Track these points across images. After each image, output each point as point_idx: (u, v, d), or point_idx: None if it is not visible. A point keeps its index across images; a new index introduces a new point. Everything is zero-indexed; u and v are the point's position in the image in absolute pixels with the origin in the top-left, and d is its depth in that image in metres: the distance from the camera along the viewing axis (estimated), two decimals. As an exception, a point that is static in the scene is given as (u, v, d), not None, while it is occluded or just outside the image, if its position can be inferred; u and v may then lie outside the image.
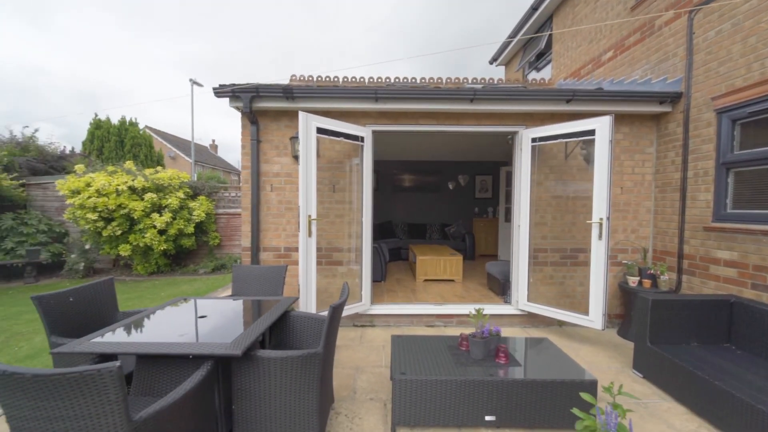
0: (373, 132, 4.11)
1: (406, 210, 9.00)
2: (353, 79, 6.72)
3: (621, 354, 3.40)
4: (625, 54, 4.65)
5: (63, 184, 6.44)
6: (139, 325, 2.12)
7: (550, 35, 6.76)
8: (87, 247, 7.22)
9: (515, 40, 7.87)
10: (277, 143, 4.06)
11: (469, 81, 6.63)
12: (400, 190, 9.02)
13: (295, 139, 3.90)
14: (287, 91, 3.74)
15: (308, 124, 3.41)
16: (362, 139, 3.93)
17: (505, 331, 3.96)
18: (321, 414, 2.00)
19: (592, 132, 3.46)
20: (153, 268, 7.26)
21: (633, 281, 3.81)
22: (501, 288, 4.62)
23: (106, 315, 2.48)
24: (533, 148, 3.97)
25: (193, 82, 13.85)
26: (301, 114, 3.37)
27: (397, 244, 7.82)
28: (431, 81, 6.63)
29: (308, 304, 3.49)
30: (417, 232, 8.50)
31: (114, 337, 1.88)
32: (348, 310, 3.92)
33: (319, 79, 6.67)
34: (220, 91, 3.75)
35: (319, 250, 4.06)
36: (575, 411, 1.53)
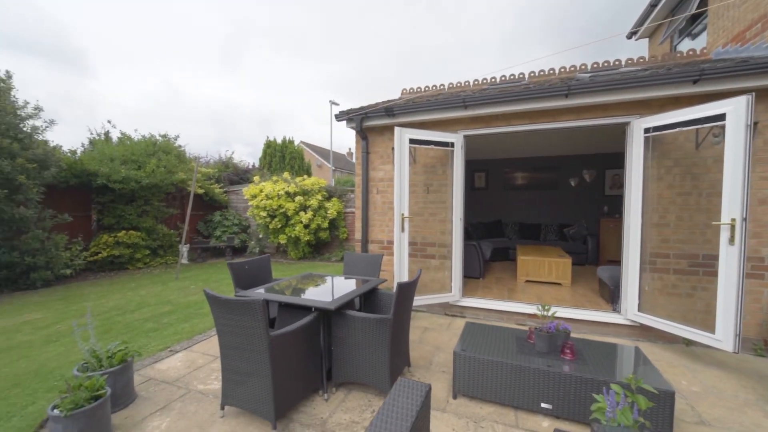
0: (465, 137, 4.43)
1: (518, 209, 8.66)
2: (466, 83, 6.94)
3: (763, 386, 2.77)
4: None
5: (246, 191, 9.00)
6: (281, 286, 3.16)
7: (707, -7, 5.47)
8: (260, 236, 9.82)
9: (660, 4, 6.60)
10: (382, 153, 4.84)
11: (588, 68, 6.01)
12: (511, 189, 8.74)
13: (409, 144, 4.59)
14: (388, 110, 4.47)
15: (402, 137, 4.03)
16: (452, 144, 4.31)
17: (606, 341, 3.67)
18: (392, 368, 2.58)
19: (721, 117, 2.92)
20: (301, 254, 9.29)
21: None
22: (611, 295, 4.21)
23: (265, 279, 3.69)
24: (647, 139, 3.54)
25: (332, 103, 16.60)
26: (396, 129, 4.03)
27: (504, 243, 7.69)
28: (542, 74, 6.31)
29: (401, 288, 4.12)
30: (529, 233, 8.10)
31: (266, 291, 2.93)
32: (436, 299, 4.38)
33: (427, 88, 7.24)
34: (339, 117, 4.78)
35: (414, 244, 4.67)
36: (596, 396, 1.65)
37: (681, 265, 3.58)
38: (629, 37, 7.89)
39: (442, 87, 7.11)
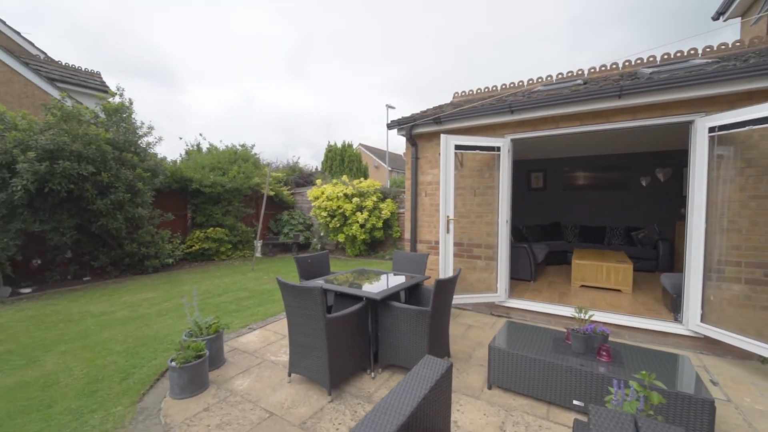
0: (513, 140, 4.51)
1: (580, 211, 8.21)
2: (520, 83, 6.85)
3: None
4: None
5: (310, 193, 9.90)
6: (338, 279, 3.65)
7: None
8: (321, 234, 10.69)
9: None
10: (430, 158, 5.12)
11: (657, 59, 5.56)
12: (572, 189, 8.32)
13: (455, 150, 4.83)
14: (436, 118, 4.73)
15: (447, 144, 4.28)
16: (498, 149, 4.42)
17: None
18: (431, 355, 2.88)
19: (798, 114, 2.67)
20: (357, 252, 9.93)
21: None
22: (672, 304, 3.96)
23: (324, 272, 4.23)
24: (712, 139, 3.31)
25: (388, 107, 17.18)
26: (442, 136, 4.28)
27: (562, 247, 7.39)
28: (603, 69, 5.99)
29: (446, 286, 4.37)
30: (592, 236, 7.66)
31: (324, 282, 3.43)
32: (482, 298, 4.53)
33: (479, 90, 7.29)
34: (391, 126, 5.17)
35: (460, 245, 4.87)
36: (611, 389, 1.77)
37: (755, 275, 3.28)
38: (716, 18, 7.01)
39: (494, 88, 7.12)
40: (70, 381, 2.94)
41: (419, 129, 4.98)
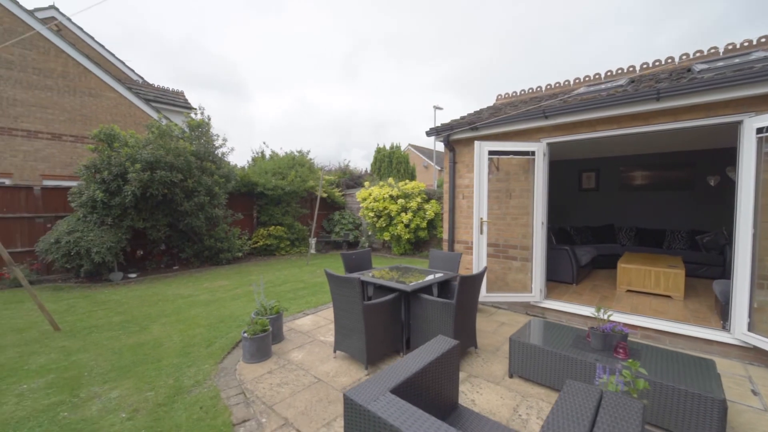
0: (549, 144, 4.61)
1: (636, 212, 7.73)
2: (566, 83, 6.75)
3: None
4: None
5: (359, 194, 10.58)
6: (380, 273, 4.14)
7: None
8: (369, 233, 11.33)
9: None
10: (467, 163, 5.37)
11: (720, 52, 5.17)
12: (628, 189, 7.86)
13: (489, 155, 5.07)
14: (471, 125, 4.99)
15: (481, 150, 4.53)
16: (532, 153, 4.55)
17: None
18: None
19: None
20: (402, 250, 10.38)
21: None
22: (722, 312, 3.79)
23: (366, 267, 4.74)
24: (760, 140, 3.17)
25: (435, 108, 17.36)
26: (476, 143, 4.55)
27: (614, 250, 7.08)
28: (657, 64, 5.69)
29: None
30: (649, 239, 7.21)
31: (364, 275, 3.93)
32: (516, 297, 4.69)
33: (522, 92, 7.30)
34: (429, 133, 5.53)
35: (496, 245, 5.07)
36: (604, 378, 1.99)
37: (814, 284, 3.08)
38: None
39: (538, 89, 7.09)
40: (170, 344, 3.81)
41: (456, 135, 5.27)
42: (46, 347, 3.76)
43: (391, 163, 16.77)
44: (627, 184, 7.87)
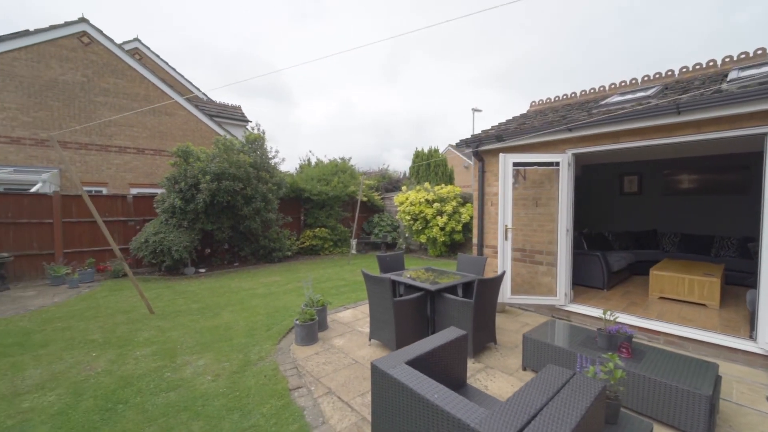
0: (574, 155, 4.82)
1: (681, 217, 7.42)
2: (601, 88, 6.72)
3: None
4: None
5: (396, 198, 11.15)
6: (415, 273, 4.67)
7: None
8: (406, 235, 11.86)
9: None
10: (496, 171, 5.69)
11: (769, 51, 4.97)
12: (673, 193, 7.57)
13: (513, 167, 5.39)
14: (498, 137, 5.32)
15: (506, 162, 4.86)
16: (557, 164, 4.79)
17: (730, 369, 3.50)
18: (475, 338, 3.66)
19: None
20: (438, 252, 10.77)
21: None
22: (751, 321, 3.80)
23: (399, 267, 5.29)
24: (783, 153, 3.22)
25: (474, 110, 17.37)
26: (501, 155, 4.89)
27: (655, 256, 6.91)
28: (697, 68, 5.56)
29: (504, 288, 4.96)
30: (696, 246, 6.93)
31: (396, 275, 4.49)
32: (541, 300, 4.96)
33: (557, 98, 7.38)
34: (459, 145, 5.93)
35: (522, 250, 5.36)
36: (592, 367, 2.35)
37: (842, 296, 3.07)
38: None
39: (573, 95, 7.16)
40: (238, 328, 4.66)
41: (484, 146, 5.63)
42: (146, 326, 4.79)
43: (429, 166, 17.10)
44: (672, 187, 7.59)
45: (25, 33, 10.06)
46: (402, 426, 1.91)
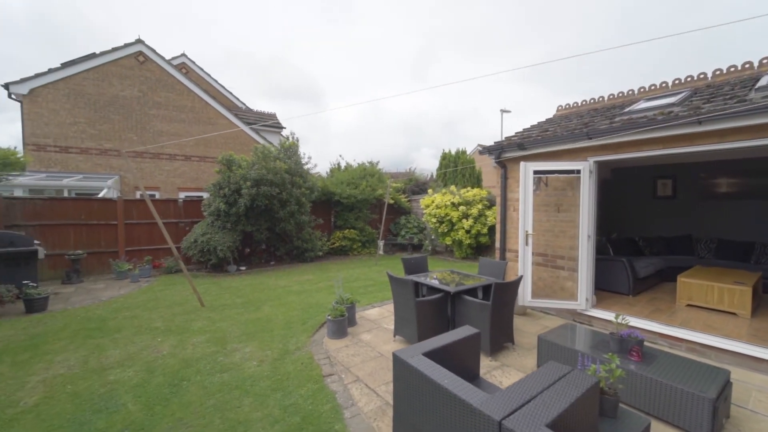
0: (596, 162, 4.92)
1: (719, 222, 7.14)
2: (629, 92, 6.62)
3: None
4: None
5: (422, 201, 11.44)
6: (430, 275, 4.99)
7: None
8: (433, 237, 12.11)
9: None
10: (518, 178, 5.84)
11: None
12: (710, 198, 7.29)
13: (534, 174, 5.55)
14: (520, 145, 5.50)
15: (526, 170, 5.05)
16: (577, 172, 4.91)
17: (753, 378, 3.53)
18: (492, 338, 3.92)
19: None
20: (464, 255, 10.94)
21: None
22: (778, 331, 3.77)
23: (422, 269, 5.61)
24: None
25: (503, 111, 17.21)
26: (521, 164, 5.08)
27: (688, 262, 6.73)
28: (731, 70, 5.41)
29: (524, 292, 5.15)
30: (733, 252, 6.66)
31: (420, 277, 4.82)
32: (561, 305, 5.10)
33: (584, 102, 7.36)
34: (482, 152, 6.15)
35: (544, 255, 5.51)
36: (595, 367, 2.57)
37: None
38: None
39: (601, 99, 7.13)
40: (277, 321, 5.20)
41: (506, 154, 5.81)
42: (198, 317, 5.45)
43: (456, 167, 17.19)
44: (709, 191, 7.32)
45: (92, 56, 11.38)
46: (418, 407, 2.26)
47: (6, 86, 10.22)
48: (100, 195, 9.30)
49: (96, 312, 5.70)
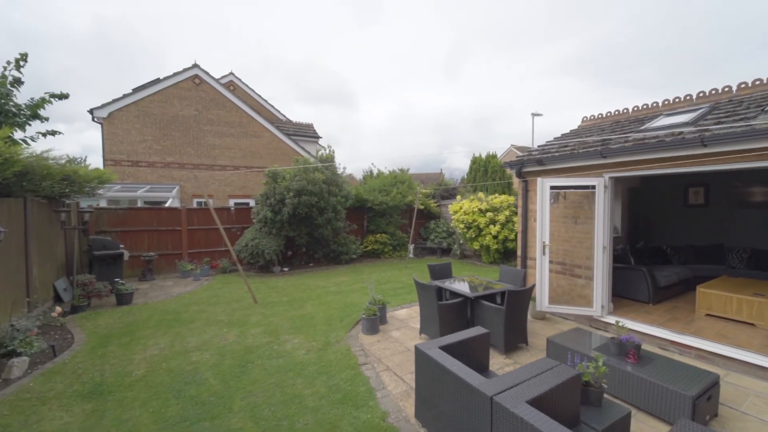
0: (612, 178, 5.24)
1: (754, 232, 7.01)
2: (654, 105, 6.83)
3: None
4: None
5: (451, 207, 11.92)
6: (453, 281, 5.57)
7: None
8: (461, 241, 12.54)
9: None
10: (537, 191, 6.25)
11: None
12: (745, 206, 7.18)
13: (551, 189, 5.95)
14: (539, 161, 5.91)
15: (543, 186, 5.47)
16: (593, 187, 5.26)
17: (756, 385, 3.77)
18: (506, 339, 4.44)
19: None
20: (491, 259, 11.28)
21: None
22: (786, 342, 3.95)
23: (447, 275, 6.18)
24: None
25: (534, 114, 17.16)
26: (538, 180, 5.51)
27: (716, 272, 6.72)
28: (758, 83, 5.46)
29: (542, 298, 5.57)
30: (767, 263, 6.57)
31: (444, 282, 5.41)
32: (578, 311, 5.46)
33: (609, 114, 7.53)
34: (504, 165, 6.63)
35: (563, 264, 5.88)
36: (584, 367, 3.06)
37: None
38: None
39: (625, 111, 7.30)
40: (318, 317, 6.02)
41: (526, 168, 6.23)
42: (253, 312, 6.41)
43: (487, 171, 17.38)
44: (744, 200, 7.20)
45: (157, 81, 13.02)
46: (435, 389, 2.90)
47: (91, 111, 12.05)
48: (167, 204, 10.74)
49: (170, 306, 6.85)
